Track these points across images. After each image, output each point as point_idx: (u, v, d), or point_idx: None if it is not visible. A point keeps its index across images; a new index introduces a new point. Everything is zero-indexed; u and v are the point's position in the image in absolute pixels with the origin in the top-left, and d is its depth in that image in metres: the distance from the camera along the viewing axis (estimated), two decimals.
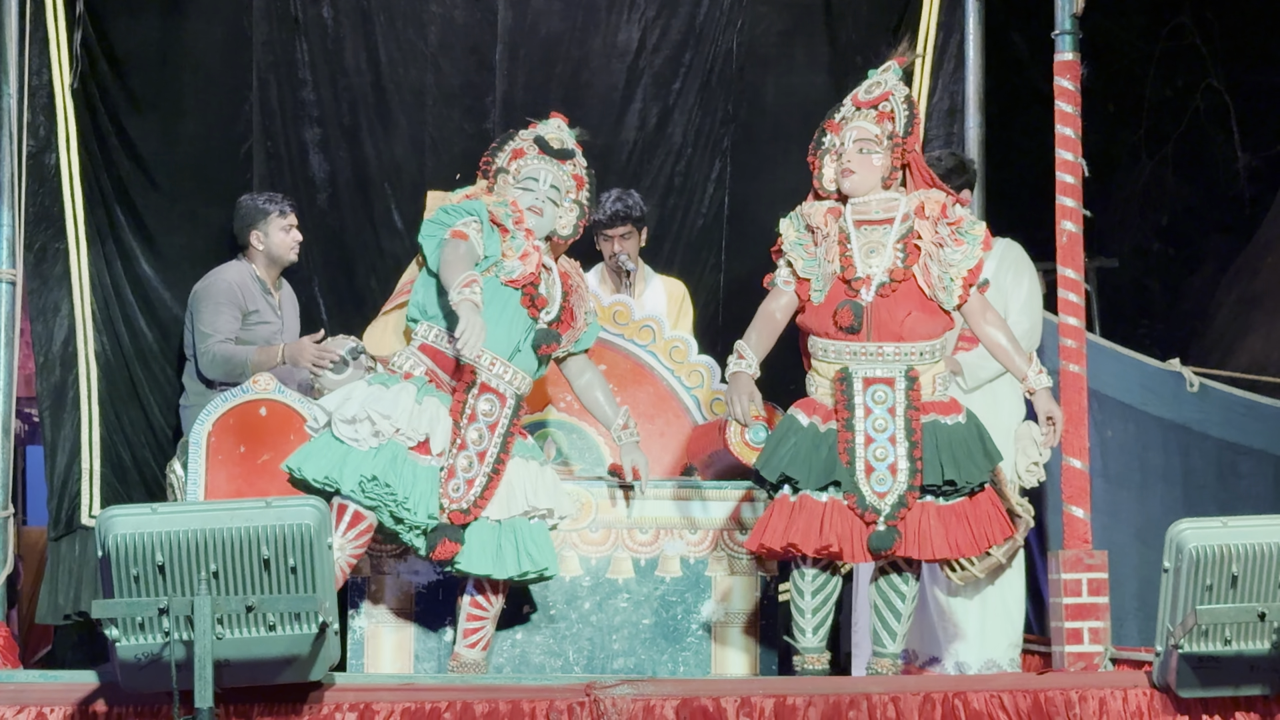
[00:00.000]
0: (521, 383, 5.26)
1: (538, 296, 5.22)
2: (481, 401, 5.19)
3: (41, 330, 6.49)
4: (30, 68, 6.32)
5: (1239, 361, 9.63)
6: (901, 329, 5.02)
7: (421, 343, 5.26)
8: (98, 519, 4.30)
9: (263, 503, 4.31)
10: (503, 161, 5.37)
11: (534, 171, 5.34)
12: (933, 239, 5.04)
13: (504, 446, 5.21)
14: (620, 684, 4.66)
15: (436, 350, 5.22)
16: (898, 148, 5.10)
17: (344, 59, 6.96)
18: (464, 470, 5.15)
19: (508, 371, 5.21)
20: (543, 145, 5.38)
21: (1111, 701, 4.79)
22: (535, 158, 5.36)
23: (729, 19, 7.11)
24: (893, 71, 5.19)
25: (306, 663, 4.38)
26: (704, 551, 5.74)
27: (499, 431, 5.20)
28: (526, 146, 5.37)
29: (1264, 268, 10.27)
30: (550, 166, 5.36)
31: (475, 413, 5.18)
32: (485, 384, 5.18)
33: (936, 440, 5.00)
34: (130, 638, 4.22)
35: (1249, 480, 6.64)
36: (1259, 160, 11.28)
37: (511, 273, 5.19)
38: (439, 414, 5.13)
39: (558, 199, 5.36)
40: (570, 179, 5.39)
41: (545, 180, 5.34)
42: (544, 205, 5.32)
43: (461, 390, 5.17)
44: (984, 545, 5.06)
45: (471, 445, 5.16)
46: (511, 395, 5.23)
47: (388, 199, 6.99)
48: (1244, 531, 4.58)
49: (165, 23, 6.73)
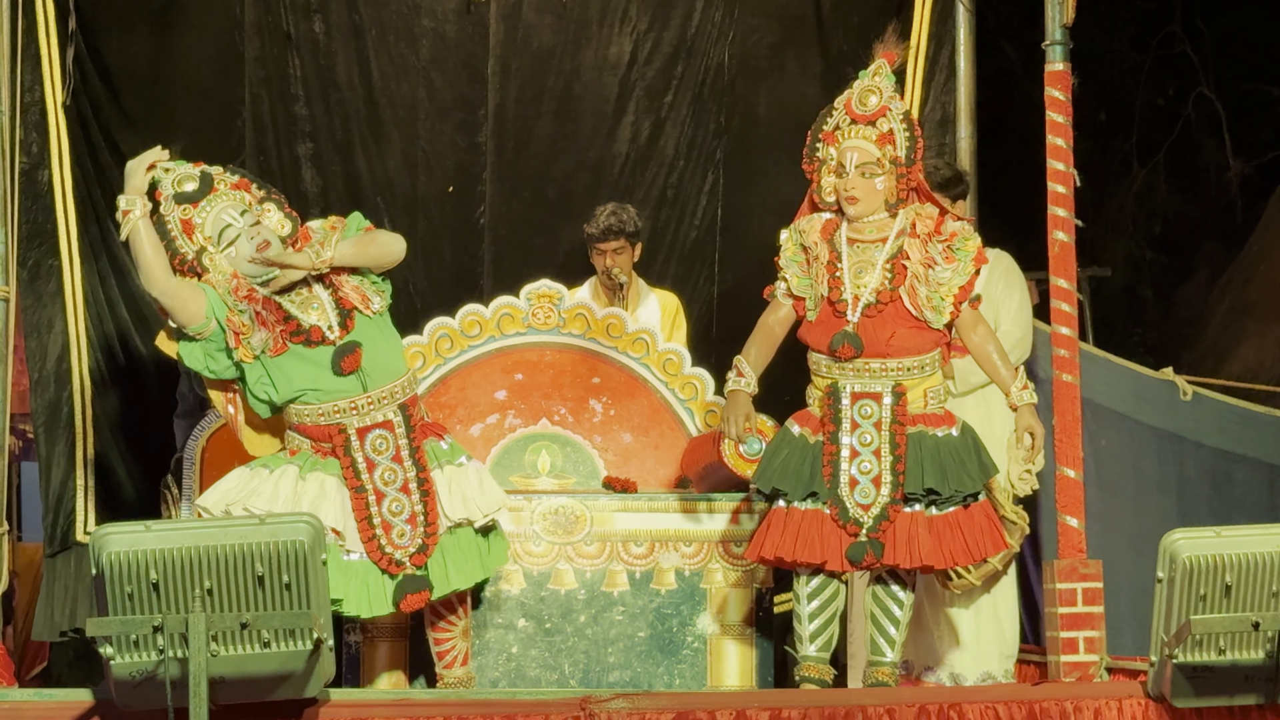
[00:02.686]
0: (390, 393, 5.08)
1: (304, 329, 5.02)
2: (370, 442, 5.06)
3: (35, 347, 6.49)
4: (23, 84, 6.32)
5: (1232, 370, 9.64)
6: (887, 347, 5.06)
7: (293, 423, 5.10)
8: (91, 537, 4.29)
9: (256, 519, 4.31)
10: (191, 243, 5.06)
11: (218, 218, 5.07)
12: (921, 259, 5.06)
13: (418, 464, 5.09)
14: (615, 698, 4.66)
15: (303, 425, 5.08)
16: (903, 177, 5.10)
17: (336, 74, 6.97)
18: (397, 515, 5.04)
19: (367, 401, 5.06)
20: (191, 196, 5.08)
21: (1106, 712, 4.79)
22: (206, 204, 5.09)
23: (720, 31, 7.12)
24: (885, 76, 5.16)
25: (301, 679, 4.37)
26: (699, 564, 5.75)
27: (405, 456, 5.08)
28: (186, 212, 5.06)
29: (1256, 276, 10.28)
30: (222, 201, 5.10)
31: (371, 459, 5.06)
32: (361, 428, 5.06)
33: (921, 450, 5.03)
34: (125, 655, 4.21)
35: (1243, 489, 6.64)
36: (1251, 168, 11.29)
37: (266, 342, 5.01)
38: (324, 489, 5.01)
39: (250, 217, 5.09)
40: (235, 194, 5.11)
41: (234, 217, 5.07)
42: (255, 230, 5.07)
43: (341, 450, 5.05)
44: (976, 556, 5.06)
45: (390, 488, 5.06)
46: (392, 413, 5.08)
47: (380, 213, 6.98)
48: (1238, 541, 4.58)
49: (157, 39, 6.73)
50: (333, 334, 5.05)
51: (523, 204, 7.10)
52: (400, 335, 5.32)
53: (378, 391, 5.07)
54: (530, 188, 7.10)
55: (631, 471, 6.08)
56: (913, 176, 5.12)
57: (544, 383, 6.16)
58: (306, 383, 5.03)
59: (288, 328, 5.02)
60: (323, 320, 5.06)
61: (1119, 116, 11.50)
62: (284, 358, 5.03)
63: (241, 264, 5.05)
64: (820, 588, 5.11)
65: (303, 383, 5.03)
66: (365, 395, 5.06)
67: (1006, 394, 5.11)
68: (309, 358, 5.04)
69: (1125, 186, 11.58)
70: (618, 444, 6.15)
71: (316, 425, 5.06)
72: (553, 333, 6.16)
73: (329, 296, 5.09)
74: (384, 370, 5.10)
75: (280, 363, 5.03)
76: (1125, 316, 11.53)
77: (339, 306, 5.08)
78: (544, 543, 5.73)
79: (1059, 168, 5.59)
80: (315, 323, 5.05)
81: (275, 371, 5.03)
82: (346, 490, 5.04)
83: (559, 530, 5.73)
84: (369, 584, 5.03)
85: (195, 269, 5.07)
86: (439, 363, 6.09)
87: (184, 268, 5.07)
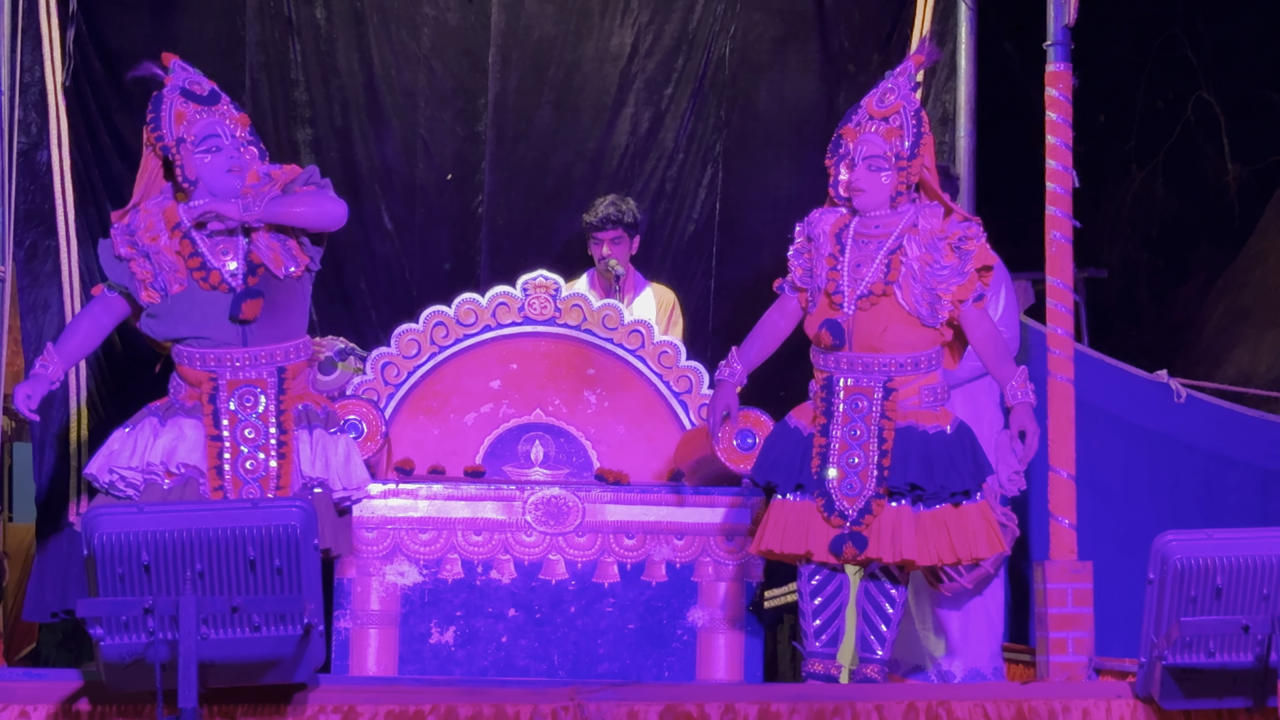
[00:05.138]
0: (271, 354, 5.05)
1: (205, 269, 4.98)
2: (238, 397, 5.02)
3: (31, 327, 6.49)
4: (23, 64, 6.33)
5: (1226, 373, 9.65)
6: (879, 341, 5.07)
7: (175, 364, 5.10)
8: (83, 517, 4.30)
9: (249, 503, 4.31)
10: (175, 131, 5.03)
11: (210, 126, 5.04)
12: (920, 255, 5.08)
13: (282, 427, 5.03)
14: (605, 689, 4.67)
15: (181, 367, 5.08)
16: (904, 170, 5.12)
17: (337, 60, 6.96)
18: (251, 473, 5.00)
19: (245, 356, 5.03)
20: (197, 97, 5.09)
21: (1095, 712, 4.80)
22: (205, 110, 5.05)
23: (722, 25, 7.11)
24: (907, 76, 5.19)
25: (291, 664, 4.38)
26: (690, 557, 5.75)
27: (271, 418, 5.03)
28: (185, 105, 5.07)
29: (1252, 280, 10.29)
30: (220, 116, 5.08)
31: (235, 414, 5.01)
32: (233, 380, 5.03)
33: (908, 445, 5.04)
34: (115, 637, 4.21)
35: (1234, 493, 6.65)
36: (1249, 173, 11.29)
37: (165, 282, 5.00)
38: (182, 431, 4.99)
39: (236, 143, 5.08)
40: (235, 121, 5.10)
41: (225, 132, 5.06)
42: (234, 156, 5.06)
43: (206, 398, 5.03)
44: (963, 555, 5.06)
45: (249, 446, 5.01)
46: (268, 373, 5.04)
47: (378, 200, 6.99)
48: (1229, 544, 4.59)
49: (158, 21, 6.72)
50: (233, 281, 5.01)
51: (521, 194, 7.10)
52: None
53: (258, 349, 5.04)
54: (529, 178, 7.10)
55: (624, 463, 6.08)
56: (913, 170, 5.13)
57: (538, 373, 6.16)
58: (192, 326, 5.01)
59: (190, 264, 5.01)
60: (228, 268, 5.03)
61: (1118, 118, 11.49)
62: (179, 297, 5.02)
63: (207, 171, 5.03)
64: (823, 583, 5.13)
65: (188, 326, 5.02)
66: (245, 350, 5.03)
67: (1004, 392, 5.12)
68: (201, 301, 5.01)
69: (1123, 189, 11.58)
70: (611, 436, 6.15)
71: (192, 370, 5.05)
72: (548, 323, 6.17)
73: (245, 246, 5.05)
74: (272, 331, 5.05)
75: (173, 302, 5.02)
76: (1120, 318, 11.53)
77: (249, 259, 5.04)
78: (535, 533, 5.73)
79: (1057, 168, 5.58)
80: (217, 267, 5.02)
81: (166, 311, 5.03)
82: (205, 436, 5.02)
83: (550, 521, 5.74)
84: None
85: (164, 153, 5.05)
86: (434, 351, 6.10)
87: (154, 149, 5.06)
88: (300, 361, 5.10)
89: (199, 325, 5.01)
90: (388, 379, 6.06)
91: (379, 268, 6.95)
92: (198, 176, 5.03)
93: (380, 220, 6.99)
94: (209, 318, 5.01)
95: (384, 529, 5.68)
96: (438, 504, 5.74)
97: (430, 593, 5.65)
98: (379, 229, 6.99)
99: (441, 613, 5.66)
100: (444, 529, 5.71)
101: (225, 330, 5.01)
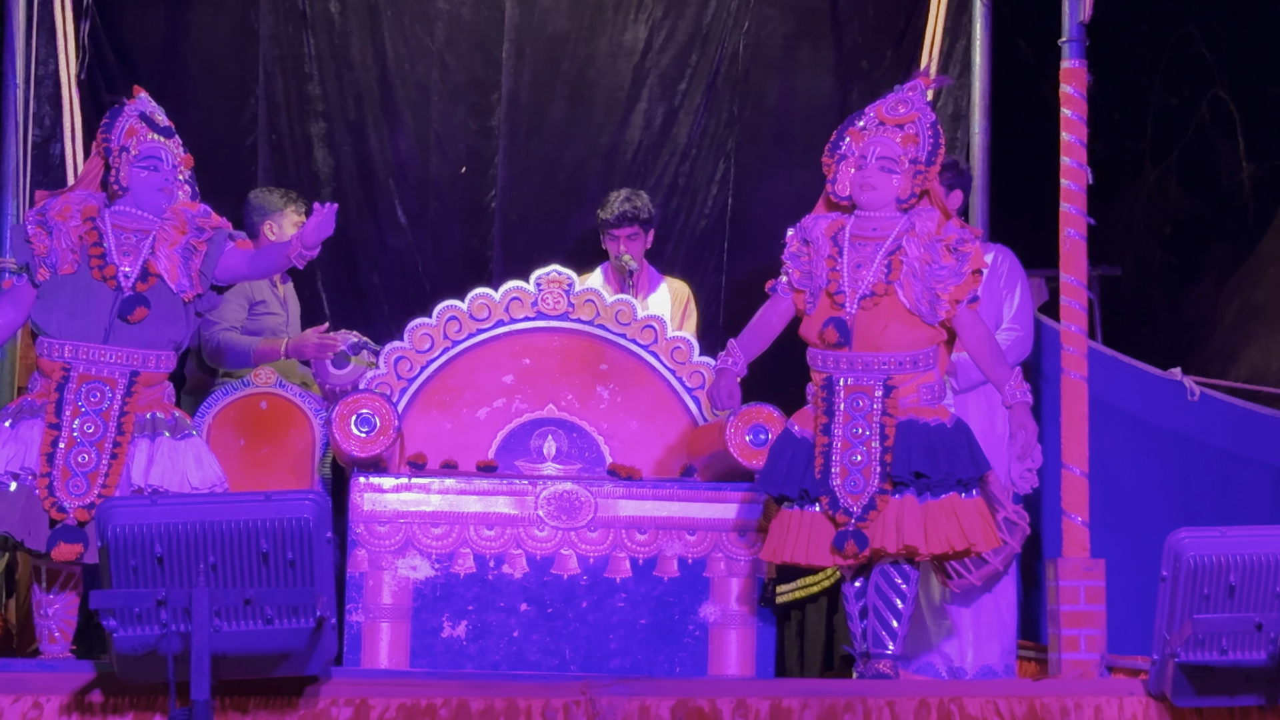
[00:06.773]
0: (129, 358, 5.13)
1: (104, 260, 5.12)
2: (85, 392, 5.10)
3: None
4: (37, 57, 6.34)
5: (1239, 372, 9.62)
6: (880, 340, 5.11)
7: (37, 352, 5.20)
8: (97, 509, 4.31)
9: (262, 496, 4.32)
10: (122, 141, 5.22)
11: (155, 149, 5.22)
12: (919, 256, 5.12)
13: (121, 429, 5.09)
14: (616, 683, 4.67)
15: (40, 356, 5.17)
16: (920, 174, 5.18)
17: (350, 54, 6.97)
18: (81, 466, 5.05)
19: (101, 353, 5.11)
20: (153, 125, 5.26)
21: (1107, 709, 4.80)
22: (158, 138, 5.24)
23: (735, 21, 7.12)
24: (919, 92, 5.25)
25: (303, 657, 4.38)
26: (702, 552, 5.75)
27: (113, 417, 5.09)
28: (140, 127, 5.24)
29: (1266, 279, 10.26)
30: (168, 148, 5.25)
31: (79, 406, 5.08)
32: (84, 374, 5.10)
33: (911, 437, 5.08)
34: (128, 629, 4.22)
35: (1248, 491, 6.63)
36: (1264, 171, 11.26)
37: (56, 260, 5.11)
38: (31, 434, 5.05)
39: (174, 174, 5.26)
40: (179, 156, 5.27)
41: (168, 160, 5.23)
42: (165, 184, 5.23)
43: (53, 389, 5.10)
44: (965, 543, 5.06)
45: (85, 439, 5.07)
46: (121, 375, 5.11)
47: (391, 194, 7.00)
48: (1242, 542, 4.59)
49: (173, 15, 6.74)
50: (125, 282, 5.13)
51: (534, 189, 7.10)
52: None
53: (115, 349, 5.13)
54: (542, 172, 7.10)
55: (637, 458, 6.09)
56: (930, 176, 5.20)
57: (551, 368, 6.16)
58: (65, 309, 5.10)
59: (92, 251, 5.12)
60: (124, 269, 5.15)
61: (1133, 116, 11.47)
62: (66, 278, 5.12)
63: (139, 184, 5.19)
64: (864, 588, 5.18)
65: (58, 313, 5.10)
66: (103, 346, 5.12)
67: (1001, 393, 5.16)
68: (84, 288, 5.11)
69: (1137, 186, 11.56)
70: (623, 431, 6.15)
71: (49, 360, 5.13)
72: (561, 318, 6.17)
73: (148, 252, 5.17)
74: (136, 336, 5.14)
75: (59, 282, 5.12)
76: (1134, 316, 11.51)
77: (145, 266, 5.16)
78: (548, 528, 5.73)
79: (1072, 164, 5.58)
80: (115, 263, 5.13)
81: (50, 291, 5.11)
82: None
83: (562, 515, 5.73)
84: (32, 514, 5.04)
85: (105, 155, 5.21)
86: (447, 345, 6.09)
87: (99, 149, 5.23)
88: (158, 373, 5.19)
89: (71, 308, 5.10)
90: (400, 373, 6.06)
91: (392, 262, 6.96)
92: (130, 186, 5.20)
93: (393, 214, 7.00)
94: (85, 305, 5.11)
95: (396, 523, 5.68)
96: (450, 498, 5.74)
97: (442, 587, 5.65)
98: (392, 223, 7.00)
99: (453, 607, 5.66)
100: (456, 523, 5.71)
101: (93, 321, 5.10)
